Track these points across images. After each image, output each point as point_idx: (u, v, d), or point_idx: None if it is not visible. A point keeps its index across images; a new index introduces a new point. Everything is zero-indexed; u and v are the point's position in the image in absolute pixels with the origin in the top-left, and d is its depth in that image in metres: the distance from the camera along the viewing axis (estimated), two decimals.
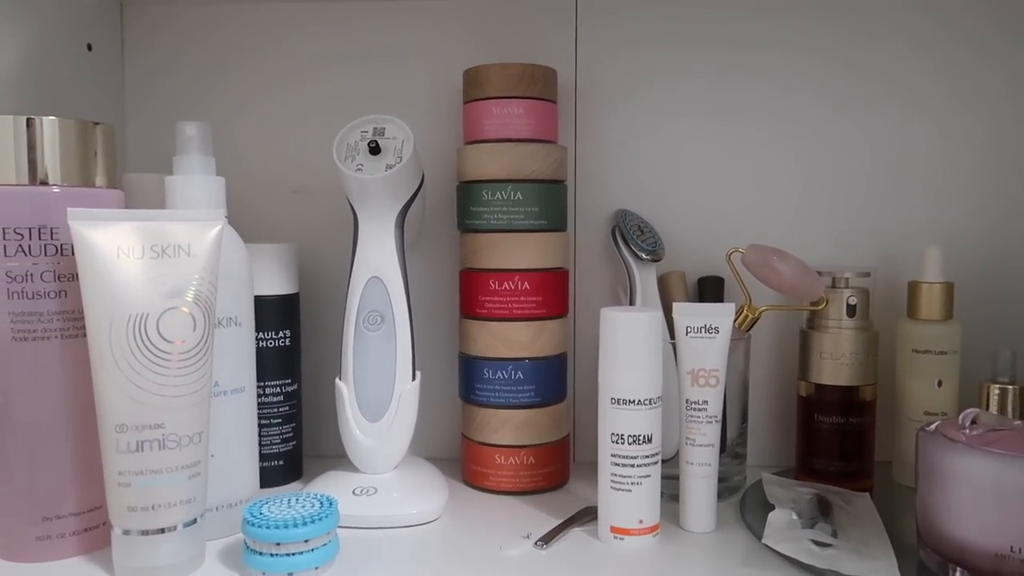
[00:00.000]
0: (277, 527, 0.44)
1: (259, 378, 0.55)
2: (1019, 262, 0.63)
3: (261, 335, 0.58)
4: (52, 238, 0.46)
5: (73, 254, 0.44)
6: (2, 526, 0.47)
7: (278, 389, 0.60)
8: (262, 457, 0.57)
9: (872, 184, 0.64)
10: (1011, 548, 0.40)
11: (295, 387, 0.61)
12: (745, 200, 0.64)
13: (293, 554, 0.44)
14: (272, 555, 0.44)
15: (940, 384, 0.58)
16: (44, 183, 0.46)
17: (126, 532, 0.44)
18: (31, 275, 0.45)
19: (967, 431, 0.44)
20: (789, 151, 0.64)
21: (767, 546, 0.46)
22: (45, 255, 0.46)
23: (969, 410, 0.45)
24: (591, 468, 0.52)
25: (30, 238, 0.45)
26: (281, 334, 0.60)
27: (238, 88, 0.67)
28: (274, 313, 0.59)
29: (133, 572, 0.44)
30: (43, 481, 0.47)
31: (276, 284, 0.59)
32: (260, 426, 0.56)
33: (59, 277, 0.46)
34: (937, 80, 0.63)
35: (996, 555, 0.40)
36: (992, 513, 0.41)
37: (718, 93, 0.64)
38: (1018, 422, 0.47)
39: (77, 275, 0.44)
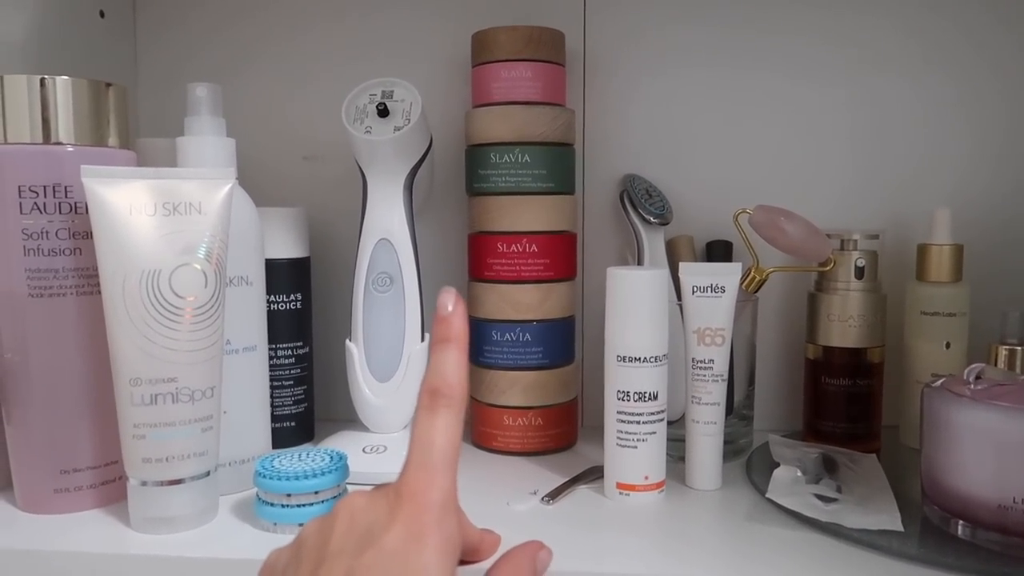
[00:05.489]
0: (288, 479, 0.45)
1: (270, 340, 0.56)
2: None
3: (272, 297, 0.58)
4: (66, 196, 0.46)
5: (87, 212, 0.45)
6: (21, 479, 0.48)
7: (289, 351, 0.60)
8: (274, 418, 0.58)
9: (881, 146, 0.63)
10: (1014, 499, 0.40)
11: (306, 350, 0.62)
12: (754, 164, 0.64)
13: (303, 505, 0.45)
14: (283, 506, 0.45)
15: (948, 346, 0.58)
16: (58, 142, 0.47)
17: (143, 484, 0.45)
18: (46, 232, 0.46)
19: (972, 386, 0.44)
20: (799, 114, 0.64)
21: (771, 501, 0.47)
22: (60, 213, 0.46)
23: (975, 365, 0.45)
24: (599, 431, 0.52)
25: (45, 196, 0.46)
26: (292, 297, 0.60)
27: (249, 53, 0.67)
28: (285, 276, 0.60)
29: (148, 522, 0.46)
30: (60, 435, 0.48)
31: (287, 247, 0.60)
32: (272, 387, 0.57)
33: (74, 235, 0.47)
34: (956, 41, 0.62)
35: (999, 507, 0.41)
36: (996, 465, 0.41)
37: (726, 57, 0.64)
38: (1023, 376, 0.47)
39: (91, 233, 0.45)
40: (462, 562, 0.40)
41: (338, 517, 0.32)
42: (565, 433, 0.61)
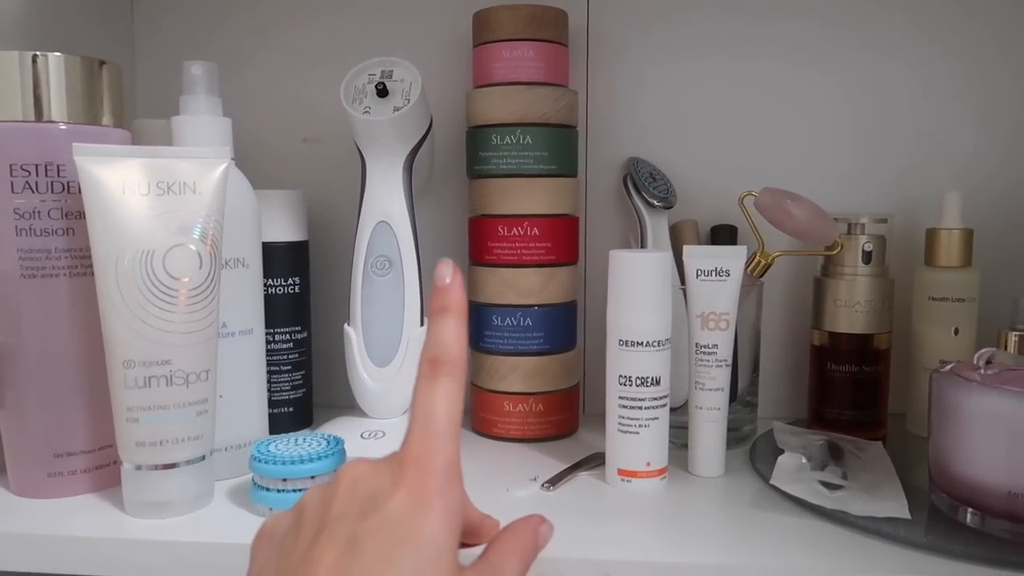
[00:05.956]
0: (284, 463, 0.44)
1: (268, 324, 0.55)
2: None
3: (270, 281, 0.58)
4: (59, 175, 0.46)
5: (80, 192, 0.44)
6: (15, 463, 0.48)
7: (287, 336, 0.60)
8: (272, 404, 0.57)
9: (890, 129, 0.62)
10: None
11: (304, 334, 0.61)
12: (760, 147, 0.63)
13: (299, 490, 0.45)
14: (279, 491, 0.45)
15: (957, 332, 0.57)
16: (50, 120, 0.46)
17: (137, 468, 0.45)
18: (38, 212, 0.45)
19: (982, 371, 0.43)
20: (806, 96, 0.63)
21: (775, 488, 0.46)
22: (52, 192, 0.46)
23: (985, 349, 0.44)
24: (600, 419, 0.51)
25: (37, 175, 0.45)
26: (290, 281, 0.59)
27: (248, 34, 0.66)
28: (283, 259, 0.59)
29: (143, 507, 0.45)
30: (54, 418, 0.47)
31: (285, 231, 0.59)
32: (270, 372, 0.57)
33: (66, 215, 0.46)
34: (964, 23, 0.61)
35: (1009, 494, 0.40)
36: (1006, 452, 0.40)
37: (732, 39, 0.63)
38: None
39: (84, 213, 0.44)
40: (460, 544, 0.40)
41: (340, 483, 0.31)
42: (566, 420, 0.60)
